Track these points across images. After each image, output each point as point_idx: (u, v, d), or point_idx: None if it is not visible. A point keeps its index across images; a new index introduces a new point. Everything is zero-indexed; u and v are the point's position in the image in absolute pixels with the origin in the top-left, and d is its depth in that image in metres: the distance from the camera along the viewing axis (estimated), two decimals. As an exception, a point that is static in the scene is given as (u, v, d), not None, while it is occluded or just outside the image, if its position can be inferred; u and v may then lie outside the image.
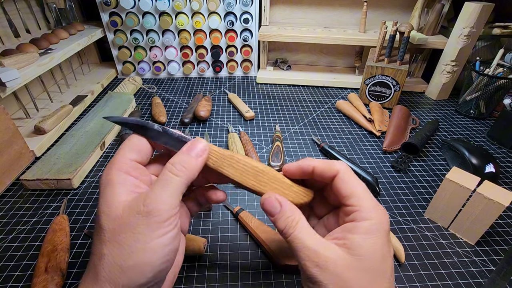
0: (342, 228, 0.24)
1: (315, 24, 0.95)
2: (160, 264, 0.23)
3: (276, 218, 0.25)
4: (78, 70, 0.91)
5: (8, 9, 0.68)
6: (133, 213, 0.22)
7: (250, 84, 0.93)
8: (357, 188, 0.25)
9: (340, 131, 0.69)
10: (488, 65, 0.72)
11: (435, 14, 0.82)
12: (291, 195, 0.27)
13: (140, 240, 0.22)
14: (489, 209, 0.39)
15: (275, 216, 0.26)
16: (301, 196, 0.28)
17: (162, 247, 0.22)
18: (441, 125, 0.73)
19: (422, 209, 0.49)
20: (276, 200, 0.26)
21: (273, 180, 0.27)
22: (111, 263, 0.22)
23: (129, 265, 0.21)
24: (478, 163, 0.54)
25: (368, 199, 0.25)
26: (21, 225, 0.45)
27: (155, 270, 0.22)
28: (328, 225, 0.28)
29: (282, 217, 0.25)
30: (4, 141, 0.50)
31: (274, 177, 0.27)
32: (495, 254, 0.42)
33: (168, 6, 0.84)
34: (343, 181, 0.26)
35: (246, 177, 0.27)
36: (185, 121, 0.69)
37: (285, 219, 0.25)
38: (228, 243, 0.42)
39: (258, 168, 0.27)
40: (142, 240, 0.22)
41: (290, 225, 0.24)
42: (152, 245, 0.22)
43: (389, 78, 0.75)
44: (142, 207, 0.22)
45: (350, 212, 0.25)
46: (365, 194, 0.25)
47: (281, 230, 0.25)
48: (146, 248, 0.22)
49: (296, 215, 0.25)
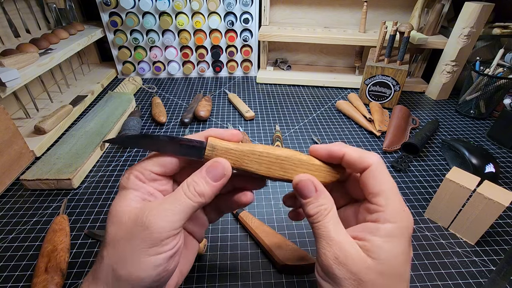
0: (363, 227, 0.23)
1: (315, 24, 0.95)
2: (151, 282, 0.22)
3: (308, 201, 0.24)
4: (78, 70, 0.91)
5: (8, 9, 0.68)
6: (136, 223, 0.22)
7: (250, 84, 0.93)
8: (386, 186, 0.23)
9: (340, 131, 0.69)
10: (488, 65, 0.72)
11: (435, 14, 0.82)
12: (321, 175, 0.26)
13: (134, 252, 0.21)
14: (489, 209, 0.39)
15: (307, 200, 0.24)
16: (333, 174, 0.26)
17: (153, 267, 0.22)
18: (441, 125, 0.73)
19: (422, 209, 0.49)
20: (312, 183, 0.25)
21: (299, 165, 0.26)
22: (108, 266, 0.22)
23: (121, 273, 0.21)
24: (478, 163, 0.54)
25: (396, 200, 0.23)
26: (21, 225, 0.45)
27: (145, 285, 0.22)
28: (345, 218, 0.27)
29: (316, 203, 0.24)
30: (4, 141, 0.50)
31: (300, 161, 0.26)
32: (495, 254, 0.42)
33: (168, 6, 0.84)
34: (374, 176, 0.24)
35: (272, 169, 0.26)
36: (185, 121, 0.69)
37: (318, 206, 0.24)
38: (228, 243, 0.42)
39: (282, 156, 0.25)
40: (136, 253, 0.21)
41: (321, 213, 0.23)
42: (144, 261, 0.21)
43: (389, 78, 0.75)
44: (145, 219, 0.22)
45: (374, 211, 0.23)
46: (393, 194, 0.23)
47: (311, 215, 0.24)
48: (139, 262, 0.21)
49: (329, 204, 0.24)
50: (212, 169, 0.24)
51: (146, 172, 0.24)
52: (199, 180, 0.24)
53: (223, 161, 0.25)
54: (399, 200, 0.23)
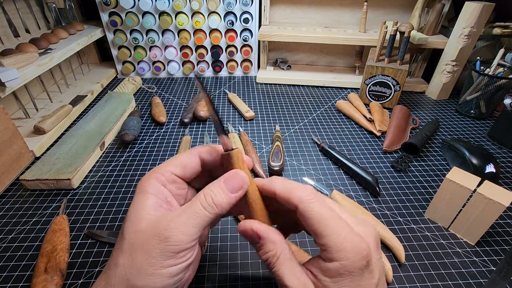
0: (317, 263, 0.23)
1: (315, 24, 0.95)
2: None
3: (257, 247, 0.24)
4: (77, 70, 0.91)
5: (7, 9, 0.68)
6: (154, 233, 0.22)
7: (250, 84, 0.93)
8: (323, 223, 0.22)
9: (340, 131, 0.69)
10: (488, 65, 0.72)
11: (435, 14, 0.82)
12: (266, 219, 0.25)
13: (151, 264, 0.21)
14: (489, 209, 0.39)
15: (257, 245, 0.24)
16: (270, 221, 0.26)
17: (170, 276, 0.22)
18: (441, 125, 0.73)
19: (422, 209, 0.49)
20: (253, 231, 0.24)
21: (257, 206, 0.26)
22: (122, 275, 0.22)
23: (136, 284, 0.21)
24: (478, 163, 0.54)
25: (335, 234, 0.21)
26: (21, 225, 0.45)
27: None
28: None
29: (263, 249, 0.24)
30: (3, 141, 0.50)
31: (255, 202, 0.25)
32: (495, 254, 0.42)
33: (168, 6, 0.84)
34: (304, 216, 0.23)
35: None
36: (185, 121, 0.69)
37: (266, 253, 0.23)
38: (228, 243, 0.42)
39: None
40: (153, 264, 0.21)
41: (270, 260, 0.23)
42: (161, 272, 0.22)
43: (389, 78, 0.75)
44: (163, 231, 0.22)
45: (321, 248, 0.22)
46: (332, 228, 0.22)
47: (263, 260, 0.24)
48: (155, 273, 0.21)
49: (277, 249, 0.23)
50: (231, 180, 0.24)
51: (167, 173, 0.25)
52: (216, 190, 0.24)
53: (242, 174, 0.25)
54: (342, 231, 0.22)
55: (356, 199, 0.50)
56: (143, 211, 0.23)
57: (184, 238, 0.22)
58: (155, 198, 0.24)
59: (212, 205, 0.23)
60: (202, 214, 0.23)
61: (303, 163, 0.58)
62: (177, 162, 0.26)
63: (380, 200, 0.50)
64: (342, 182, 0.54)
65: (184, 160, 0.26)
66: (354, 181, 0.54)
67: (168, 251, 0.22)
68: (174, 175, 0.26)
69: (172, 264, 0.22)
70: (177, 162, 0.26)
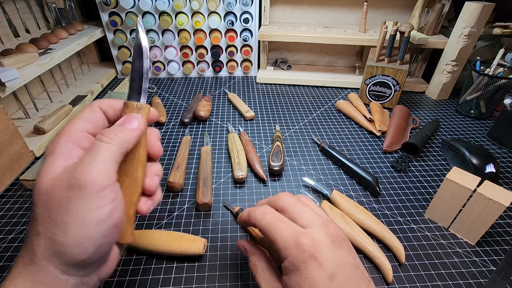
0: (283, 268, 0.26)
1: (315, 24, 0.95)
2: (101, 238, 0.22)
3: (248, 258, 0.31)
4: (77, 70, 0.91)
5: (7, 9, 0.68)
6: (64, 186, 0.21)
7: (250, 84, 0.93)
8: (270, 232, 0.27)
9: (340, 131, 0.69)
10: (488, 65, 0.72)
11: (435, 14, 0.82)
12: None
13: (75, 215, 0.20)
14: (489, 209, 0.39)
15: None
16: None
17: (99, 222, 0.21)
18: (441, 125, 0.73)
19: (422, 209, 0.49)
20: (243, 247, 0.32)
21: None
22: (48, 240, 0.21)
23: (67, 241, 0.20)
24: (478, 163, 0.54)
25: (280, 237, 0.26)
26: (21, 225, 0.45)
27: (96, 244, 0.21)
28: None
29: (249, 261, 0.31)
30: (3, 141, 0.49)
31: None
32: (495, 254, 0.42)
33: (168, 6, 0.84)
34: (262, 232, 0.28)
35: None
36: (185, 121, 0.69)
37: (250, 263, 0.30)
38: (228, 243, 0.42)
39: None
40: (77, 215, 0.21)
41: (253, 269, 0.29)
42: (88, 220, 0.21)
43: (390, 78, 0.75)
44: (73, 179, 0.21)
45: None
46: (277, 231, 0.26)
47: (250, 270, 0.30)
48: (83, 224, 0.21)
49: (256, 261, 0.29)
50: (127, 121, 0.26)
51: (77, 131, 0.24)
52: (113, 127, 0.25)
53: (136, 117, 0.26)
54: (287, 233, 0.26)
55: (356, 199, 0.50)
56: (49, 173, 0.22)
57: (97, 177, 0.21)
58: (64, 156, 0.23)
59: (113, 136, 0.23)
60: (106, 148, 0.23)
61: (303, 163, 0.58)
62: (82, 119, 0.25)
63: (380, 200, 0.50)
64: (342, 182, 0.54)
65: (88, 116, 0.26)
66: (354, 181, 0.54)
67: (87, 194, 0.21)
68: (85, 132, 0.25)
69: (97, 207, 0.21)
70: (82, 119, 0.25)
